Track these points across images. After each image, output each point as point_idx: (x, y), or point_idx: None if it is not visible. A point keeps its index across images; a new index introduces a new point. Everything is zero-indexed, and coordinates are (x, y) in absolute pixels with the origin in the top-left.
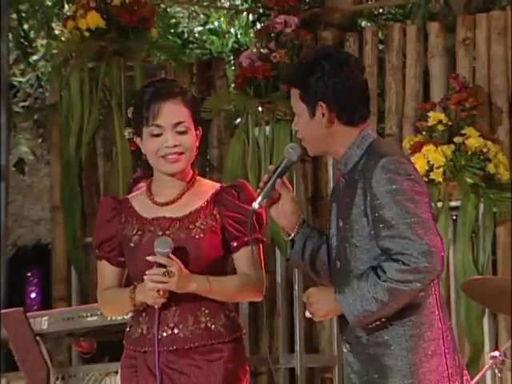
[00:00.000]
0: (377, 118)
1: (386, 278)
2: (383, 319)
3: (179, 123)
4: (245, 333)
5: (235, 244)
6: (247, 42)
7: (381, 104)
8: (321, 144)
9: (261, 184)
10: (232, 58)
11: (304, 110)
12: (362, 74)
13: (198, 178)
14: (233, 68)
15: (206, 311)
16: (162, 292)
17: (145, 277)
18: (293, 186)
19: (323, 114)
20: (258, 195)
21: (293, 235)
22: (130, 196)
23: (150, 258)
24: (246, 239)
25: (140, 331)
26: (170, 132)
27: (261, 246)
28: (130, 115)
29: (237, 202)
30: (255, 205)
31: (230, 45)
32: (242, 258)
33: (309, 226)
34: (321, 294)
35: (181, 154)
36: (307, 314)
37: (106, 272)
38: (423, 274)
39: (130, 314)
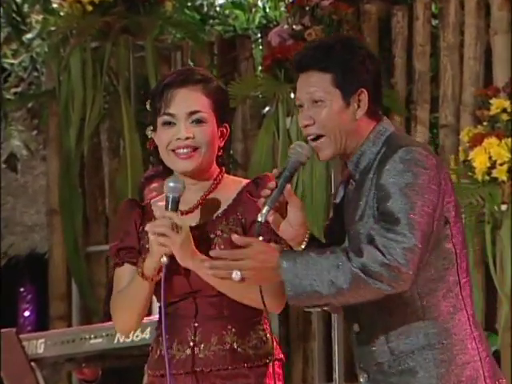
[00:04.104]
0: (429, 106)
1: (358, 264)
2: (393, 338)
3: (195, 112)
4: (281, 358)
5: None
6: (277, 16)
7: (434, 90)
8: (345, 141)
9: (265, 191)
10: (259, 35)
11: (335, 97)
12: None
13: (225, 176)
14: (260, 48)
15: (233, 330)
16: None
17: (149, 224)
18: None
19: (358, 105)
20: (264, 205)
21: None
22: (153, 200)
23: (155, 200)
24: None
25: (159, 352)
26: (183, 122)
27: None
28: (148, 108)
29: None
30: (261, 217)
31: (256, 20)
32: None
33: (315, 240)
34: (264, 253)
35: (195, 149)
36: (234, 275)
37: (127, 273)
38: (399, 278)
39: (146, 320)
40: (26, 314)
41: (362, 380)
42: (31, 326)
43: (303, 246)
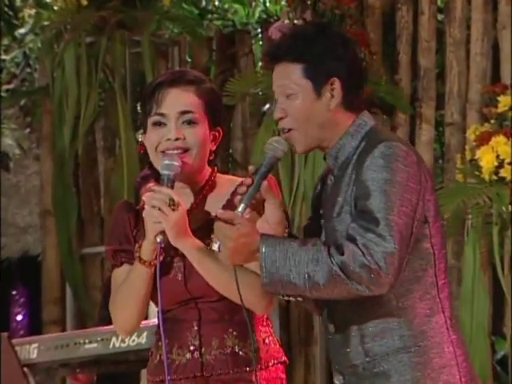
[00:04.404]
0: (435, 103)
1: (338, 262)
2: (368, 339)
3: (186, 112)
4: (285, 361)
5: None
6: (278, 11)
7: (440, 86)
8: (318, 134)
9: (241, 189)
10: (259, 30)
11: (306, 89)
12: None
13: (218, 176)
14: (260, 43)
15: (235, 333)
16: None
17: (147, 194)
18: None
19: (332, 95)
20: (240, 202)
21: None
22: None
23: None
24: None
25: (158, 357)
26: (174, 122)
27: None
28: (139, 110)
29: None
30: (238, 213)
31: (256, 15)
32: None
33: (296, 238)
34: (246, 236)
35: (186, 150)
36: (215, 247)
37: (125, 274)
38: (377, 281)
39: (143, 324)
40: (19, 317)
41: (337, 382)
42: (24, 331)
43: None
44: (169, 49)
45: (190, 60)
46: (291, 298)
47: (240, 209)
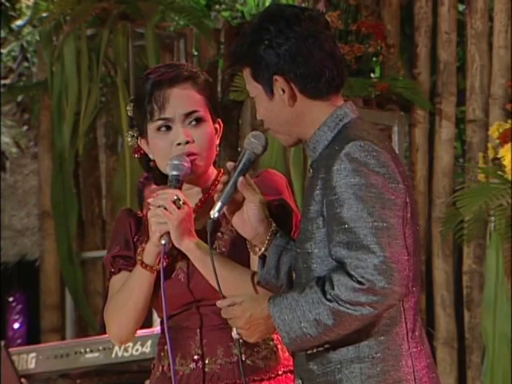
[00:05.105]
0: (456, 99)
1: (332, 297)
2: (326, 345)
3: (191, 113)
4: (293, 370)
5: None
6: (289, 1)
7: (461, 81)
8: (291, 129)
9: (219, 186)
10: None
11: (260, 91)
12: (324, 29)
13: (224, 177)
14: None
15: (241, 340)
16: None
17: (151, 198)
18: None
19: (283, 91)
20: (217, 201)
21: (263, 249)
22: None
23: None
24: None
25: (161, 369)
26: (180, 125)
27: None
28: (130, 113)
29: None
30: (213, 213)
31: (267, 5)
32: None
33: (284, 237)
34: (251, 309)
35: (195, 155)
36: (234, 335)
37: (123, 281)
38: (378, 297)
39: (147, 333)
40: (16, 325)
41: None
42: (21, 339)
43: (265, 246)
44: (174, 42)
45: (196, 53)
46: (320, 348)
47: (217, 208)
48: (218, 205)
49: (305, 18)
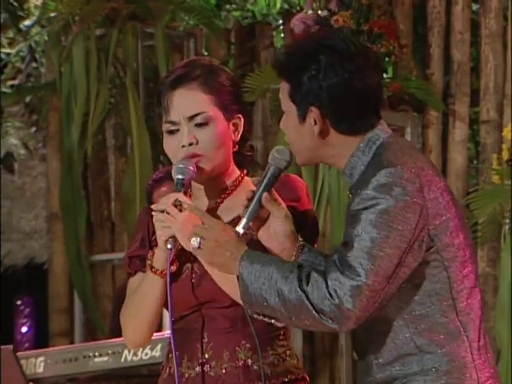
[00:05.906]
0: (469, 99)
1: (303, 290)
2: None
3: (195, 115)
4: (304, 377)
5: None
6: (300, 1)
7: (475, 81)
8: (313, 155)
9: (243, 202)
10: (281, 22)
11: (293, 110)
12: (375, 72)
13: (245, 179)
14: (282, 35)
15: (248, 345)
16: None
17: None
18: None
19: (315, 122)
20: (242, 217)
21: None
22: None
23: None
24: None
25: (168, 371)
26: (185, 127)
27: None
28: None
29: None
30: (239, 229)
31: (278, 5)
32: None
33: (311, 251)
34: (227, 238)
35: (200, 156)
36: (193, 242)
37: (139, 281)
38: (340, 316)
39: (156, 336)
40: (24, 329)
41: None
42: (29, 343)
43: (292, 260)
44: (184, 42)
45: (206, 54)
46: (266, 319)
47: (242, 224)
48: (244, 221)
49: (360, 58)
